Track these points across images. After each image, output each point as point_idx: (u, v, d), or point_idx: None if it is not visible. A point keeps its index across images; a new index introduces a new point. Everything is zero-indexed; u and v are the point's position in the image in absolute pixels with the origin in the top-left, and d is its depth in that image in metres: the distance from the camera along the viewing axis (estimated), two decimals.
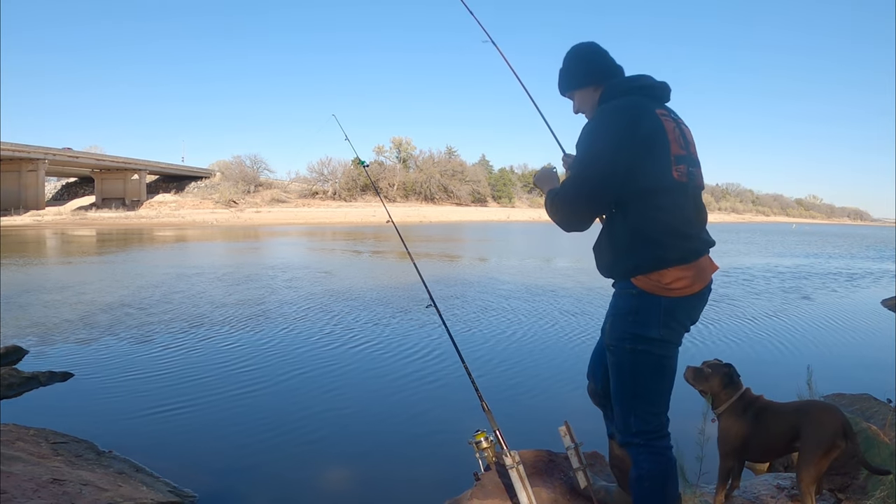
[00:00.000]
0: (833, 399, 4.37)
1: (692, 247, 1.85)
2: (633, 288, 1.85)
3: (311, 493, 3.36)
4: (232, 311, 8.53)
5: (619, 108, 1.85)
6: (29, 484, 2.71)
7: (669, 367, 1.92)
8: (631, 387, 1.92)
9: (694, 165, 1.91)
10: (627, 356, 1.89)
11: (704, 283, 1.90)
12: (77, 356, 6.01)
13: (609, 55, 2.05)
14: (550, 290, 11.22)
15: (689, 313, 1.92)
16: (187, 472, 3.50)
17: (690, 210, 1.88)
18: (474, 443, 2.45)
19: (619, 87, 1.94)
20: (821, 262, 20.56)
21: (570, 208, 1.88)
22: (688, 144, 1.90)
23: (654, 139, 1.80)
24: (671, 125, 1.86)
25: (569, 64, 2.06)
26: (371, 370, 5.73)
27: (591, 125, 1.89)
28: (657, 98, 1.94)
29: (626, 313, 1.88)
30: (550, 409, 4.65)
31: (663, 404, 1.95)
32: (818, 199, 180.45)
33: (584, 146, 1.87)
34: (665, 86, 1.98)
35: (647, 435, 1.91)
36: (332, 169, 70.66)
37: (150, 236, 29.21)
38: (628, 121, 1.80)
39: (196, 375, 5.43)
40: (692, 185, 1.89)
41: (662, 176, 1.80)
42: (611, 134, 1.80)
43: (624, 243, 1.86)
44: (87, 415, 4.44)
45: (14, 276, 12.30)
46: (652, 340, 1.84)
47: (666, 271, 1.80)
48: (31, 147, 47.04)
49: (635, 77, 1.98)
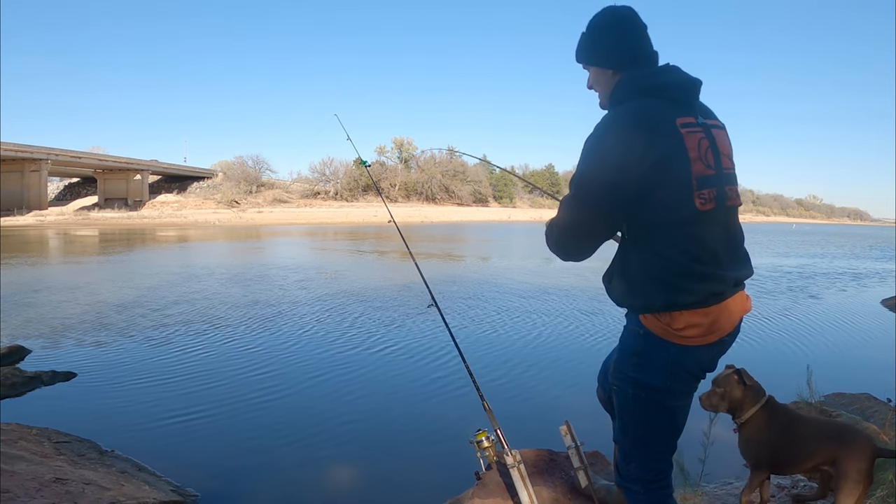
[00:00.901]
0: (833, 398, 4.38)
1: (713, 289, 1.56)
2: (640, 327, 1.62)
3: (313, 491, 3.37)
4: (236, 313, 8.55)
5: (628, 122, 1.53)
6: (32, 483, 2.73)
7: (679, 416, 1.70)
8: (632, 433, 1.73)
9: (727, 183, 1.60)
10: (630, 402, 1.69)
11: (724, 332, 1.60)
12: (79, 356, 6.03)
13: (644, 34, 1.67)
14: (552, 289, 11.23)
15: (702, 364, 1.65)
16: (189, 471, 3.52)
17: (717, 240, 1.58)
18: (475, 442, 2.45)
19: (636, 84, 1.61)
20: (821, 261, 20.54)
21: (564, 234, 1.64)
22: (718, 159, 1.58)
23: (669, 162, 1.50)
24: (695, 139, 1.54)
25: (592, 33, 1.70)
26: (372, 369, 5.74)
27: (593, 140, 1.56)
28: (681, 101, 1.59)
29: (630, 354, 1.67)
30: (551, 408, 4.66)
31: (668, 452, 1.75)
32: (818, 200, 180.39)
33: (582, 162, 1.57)
34: (693, 84, 1.63)
35: (646, 483, 1.74)
36: (334, 169, 70.79)
37: (154, 236, 29.26)
38: (636, 139, 1.49)
39: (198, 376, 5.45)
40: (722, 210, 1.58)
41: (680, 206, 1.52)
42: (615, 155, 1.50)
43: (634, 276, 1.61)
44: (90, 414, 4.46)
45: (16, 276, 12.34)
46: (656, 389, 1.63)
47: (678, 314, 1.55)
48: (34, 147, 47.14)
49: (657, 72, 1.64)
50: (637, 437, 1.72)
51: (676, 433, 1.73)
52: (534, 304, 9.49)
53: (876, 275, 16.47)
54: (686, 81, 1.62)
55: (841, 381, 5.12)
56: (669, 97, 1.57)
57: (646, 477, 1.73)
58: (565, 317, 8.46)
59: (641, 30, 1.67)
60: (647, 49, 1.66)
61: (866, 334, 7.98)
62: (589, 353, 6.50)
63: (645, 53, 1.66)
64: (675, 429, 1.72)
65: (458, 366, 3.34)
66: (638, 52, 1.65)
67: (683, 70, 1.66)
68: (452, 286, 11.47)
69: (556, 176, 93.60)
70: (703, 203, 1.53)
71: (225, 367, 5.71)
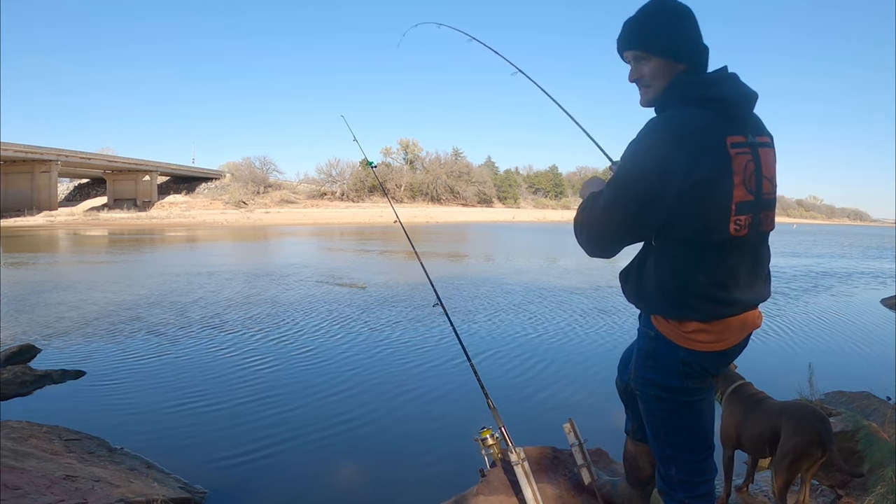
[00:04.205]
0: (833, 396, 4.38)
1: (723, 312, 1.54)
2: (651, 329, 1.63)
3: (319, 488, 3.40)
4: (246, 313, 8.60)
5: (676, 133, 1.43)
6: (42, 480, 2.76)
7: (705, 411, 1.70)
8: (664, 436, 1.71)
9: (764, 209, 1.53)
10: (654, 404, 1.68)
11: (732, 343, 1.60)
12: (88, 355, 6.08)
13: (699, 27, 1.57)
14: (555, 288, 11.22)
15: (711, 368, 1.64)
16: (198, 468, 3.55)
17: (744, 266, 1.54)
18: (480, 440, 2.48)
19: (693, 90, 1.50)
20: (821, 261, 20.46)
21: (595, 231, 1.56)
22: (760, 183, 1.50)
23: (712, 185, 1.43)
24: (743, 161, 1.46)
25: (651, 18, 1.56)
26: (379, 368, 5.76)
27: (637, 144, 1.48)
28: (735, 117, 1.49)
29: (645, 357, 1.67)
30: (555, 406, 4.67)
31: (704, 449, 1.72)
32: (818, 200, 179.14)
33: (623, 165, 1.51)
34: (749, 98, 1.54)
35: (690, 487, 1.70)
36: (341, 170, 71.17)
37: (164, 237, 29.43)
38: (681, 154, 1.40)
39: (206, 375, 5.49)
40: (754, 236, 1.53)
41: (714, 229, 1.46)
42: (656, 166, 1.42)
43: (649, 284, 1.58)
44: (99, 412, 4.50)
45: (26, 275, 12.45)
46: (675, 389, 1.63)
47: (687, 322, 1.55)
48: (44, 149, 47.53)
49: (716, 80, 1.53)
50: (669, 438, 1.70)
51: (707, 428, 1.72)
52: (537, 303, 9.49)
53: (875, 274, 16.40)
54: (744, 95, 1.53)
55: (841, 379, 5.12)
56: (724, 112, 1.48)
57: (689, 479, 1.70)
58: (569, 315, 8.46)
59: (698, 23, 1.57)
60: (704, 45, 1.57)
61: (866, 333, 7.96)
62: (593, 351, 6.50)
63: (704, 50, 1.56)
64: (705, 424, 1.71)
65: (463, 364, 3.36)
66: (700, 46, 1.56)
67: (741, 80, 1.56)
68: (458, 285, 11.49)
69: (559, 177, 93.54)
70: (738, 230, 1.47)
71: (233, 366, 5.75)
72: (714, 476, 1.76)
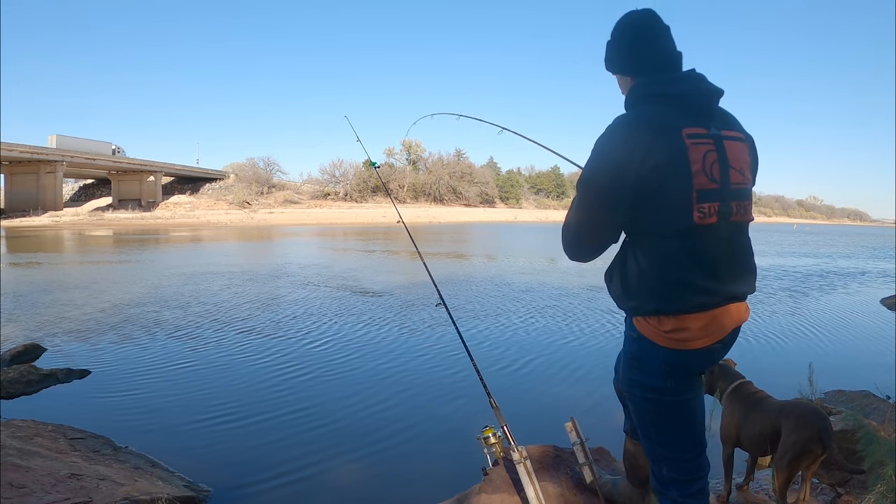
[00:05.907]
0: (833, 396, 4.38)
1: (702, 301, 1.55)
2: (634, 331, 1.66)
3: (323, 487, 3.41)
4: (252, 313, 8.63)
5: (632, 126, 1.53)
6: (47, 478, 2.78)
7: (693, 409, 1.71)
8: (654, 436, 1.73)
9: (735, 198, 1.55)
10: (642, 405, 1.70)
11: (714, 338, 1.59)
12: (93, 354, 6.11)
13: (662, 38, 1.64)
14: (557, 288, 11.22)
15: (695, 366, 1.66)
16: (202, 467, 3.56)
17: (717, 255, 1.55)
18: (482, 438, 2.50)
19: (647, 90, 1.59)
20: (821, 261, 20.36)
21: (571, 233, 1.64)
22: (726, 173, 1.53)
23: (667, 172, 1.48)
24: (701, 151, 1.51)
25: (613, 40, 1.71)
26: (381, 367, 5.77)
27: (598, 142, 1.57)
28: (694, 110, 1.56)
29: (630, 359, 1.70)
30: (557, 405, 4.68)
31: (695, 447, 1.73)
32: (819, 200, 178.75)
33: (586, 164, 1.59)
34: (710, 93, 1.60)
35: (682, 486, 1.71)
36: (344, 171, 71.25)
37: (168, 237, 29.51)
38: (637, 143, 1.48)
39: (210, 374, 5.51)
40: (725, 225, 1.54)
41: (675, 218, 1.50)
42: (615, 157, 1.50)
43: (629, 279, 1.61)
44: (104, 411, 4.53)
45: (32, 275, 12.52)
46: (660, 390, 1.64)
47: (665, 318, 1.56)
48: (50, 149, 47.76)
49: (671, 79, 1.61)
50: (659, 438, 1.72)
51: (698, 426, 1.73)
52: (539, 303, 9.49)
53: (875, 274, 16.34)
54: (701, 91, 1.58)
55: (842, 378, 5.11)
56: (680, 105, 1.55)
57: (682, 477, 1.71)
58: (570, 315, 8.46)
59: (659, 34, 1.64)
60: (665, 54, 1.63)
61: (866, 333, 7.95)
62: (594, 351, 6.50)
63: (663, 58, 1.63)
64: (694, 422, 1.72)
65: (465, 363, 3.37)
66: (656, 57, 1.63)
67: (706, 79, 1.62)
68: (461, 285, 11.50)
69: (561, 178, 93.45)
70: (702, 217, 1.50)
71: (238, 366, 5.77)
72: (707, 472, 1.77)
